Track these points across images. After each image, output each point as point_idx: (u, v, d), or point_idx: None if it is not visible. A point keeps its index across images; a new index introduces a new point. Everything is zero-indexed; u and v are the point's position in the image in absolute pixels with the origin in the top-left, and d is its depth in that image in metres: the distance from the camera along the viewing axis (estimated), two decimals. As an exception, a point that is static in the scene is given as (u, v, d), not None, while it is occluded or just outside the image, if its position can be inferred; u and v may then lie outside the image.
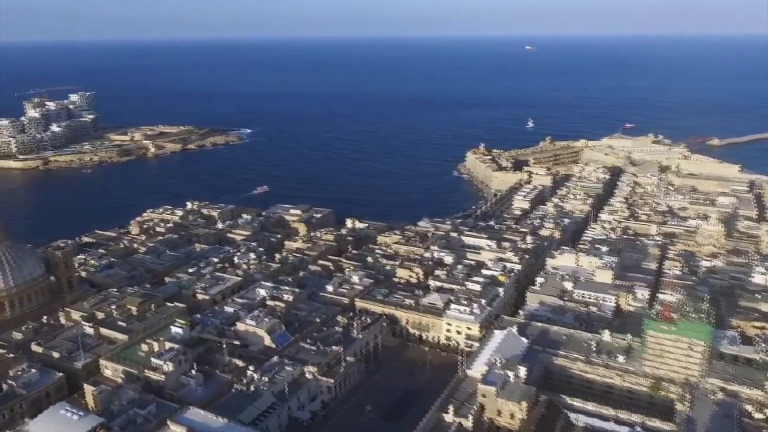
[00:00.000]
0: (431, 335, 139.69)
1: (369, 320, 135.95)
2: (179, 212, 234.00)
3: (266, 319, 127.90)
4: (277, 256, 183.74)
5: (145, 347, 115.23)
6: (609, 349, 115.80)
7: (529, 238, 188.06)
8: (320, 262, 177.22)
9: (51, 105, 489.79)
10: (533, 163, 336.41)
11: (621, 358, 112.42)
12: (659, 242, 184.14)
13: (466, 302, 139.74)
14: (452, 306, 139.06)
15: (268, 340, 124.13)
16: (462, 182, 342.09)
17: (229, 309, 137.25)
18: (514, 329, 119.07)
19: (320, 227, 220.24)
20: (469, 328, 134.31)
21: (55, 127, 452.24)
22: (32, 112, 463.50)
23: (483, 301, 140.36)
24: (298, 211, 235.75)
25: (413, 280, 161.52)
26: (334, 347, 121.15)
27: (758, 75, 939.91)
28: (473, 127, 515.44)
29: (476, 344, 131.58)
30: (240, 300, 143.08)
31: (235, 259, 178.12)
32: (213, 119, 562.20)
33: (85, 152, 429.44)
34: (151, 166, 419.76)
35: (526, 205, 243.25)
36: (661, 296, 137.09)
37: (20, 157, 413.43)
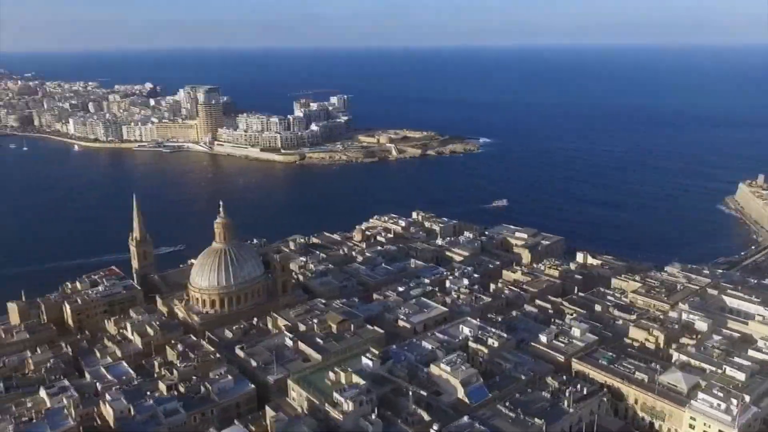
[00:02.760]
0: (666, 427, 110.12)
1: (586, 390, 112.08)
2: (402, 222, 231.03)
3: (463, 367, 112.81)
4: (492, 287, 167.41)
5: (332, 375, 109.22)
6: None
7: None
8: (538, 301, 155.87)
9: (313, 106, 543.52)
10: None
11: None
12: None
13: (721, 393, 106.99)
14: (701, 394, 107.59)
15: (461, 392, 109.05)
16: (729, 220, 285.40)
17: (427, 345, 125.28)
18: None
19: (546, 257, 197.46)
20: None
21: (313, 126, 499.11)
22: (298, 112, 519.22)
23: (747, 397, 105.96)
24: (524, 235, 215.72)
25: (650, 346, 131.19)
26: (536, 419, 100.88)
27: None
28: (744, 154, 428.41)
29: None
30: (441, 336, 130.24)
31: (447, 283, 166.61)
32: (451, 126, 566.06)
33: (336, 151, 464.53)
34: (391, 169, 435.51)
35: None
36: None
37: (283, 151, 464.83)
